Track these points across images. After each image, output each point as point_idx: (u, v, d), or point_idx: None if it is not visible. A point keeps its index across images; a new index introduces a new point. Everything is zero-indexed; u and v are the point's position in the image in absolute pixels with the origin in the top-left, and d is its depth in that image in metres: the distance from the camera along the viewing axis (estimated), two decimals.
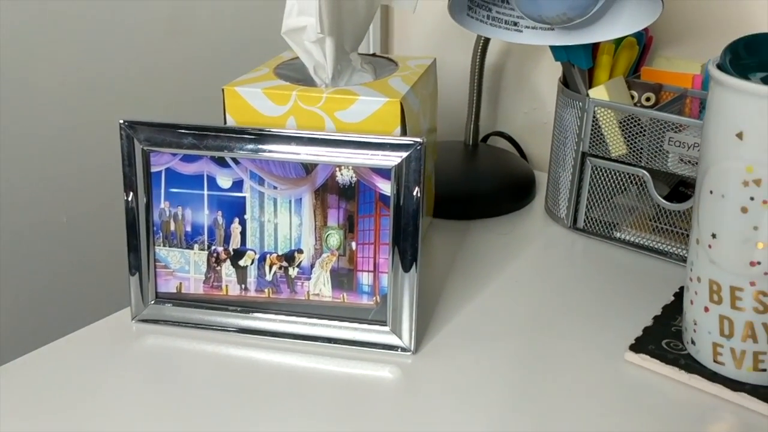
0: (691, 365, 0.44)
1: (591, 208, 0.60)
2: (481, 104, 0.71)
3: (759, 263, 0.39)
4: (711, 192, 0.40)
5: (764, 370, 0.42)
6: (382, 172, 0.44)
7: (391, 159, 0.43)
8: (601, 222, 0.60)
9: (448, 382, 0.44)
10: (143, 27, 0.69)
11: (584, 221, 0.61)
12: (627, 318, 0.49)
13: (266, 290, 0.47)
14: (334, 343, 0.46)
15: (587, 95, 0.57)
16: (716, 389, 0.42)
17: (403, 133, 0.47)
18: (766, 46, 0.40)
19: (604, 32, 0.48)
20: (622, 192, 0.58)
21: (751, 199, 0.38)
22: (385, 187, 0.44)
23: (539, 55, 0.74)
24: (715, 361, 0.43)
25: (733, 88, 0.37)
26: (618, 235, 0.59)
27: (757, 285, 0.39)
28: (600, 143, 0.57)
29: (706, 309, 0.42)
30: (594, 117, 0.57)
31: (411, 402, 0.42)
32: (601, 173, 0.58)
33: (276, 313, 0.47)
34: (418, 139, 0.43)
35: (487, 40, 0.66)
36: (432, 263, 0.57)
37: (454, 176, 0.67)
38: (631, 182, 0.57)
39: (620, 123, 0.56)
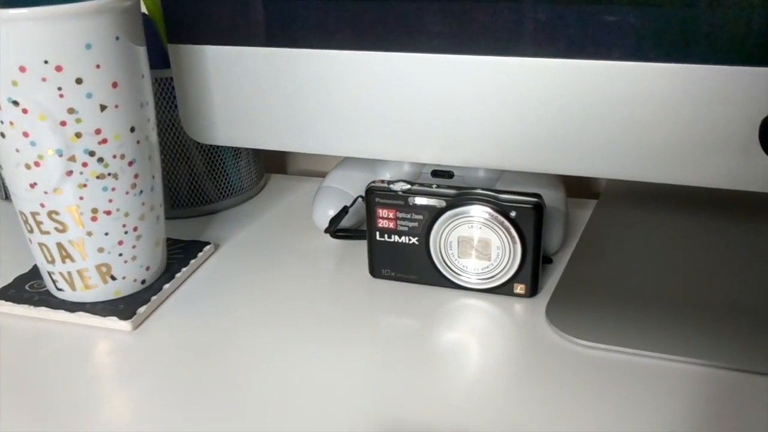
0: (45, 299, 0.45)
1: None
2: None
3: (36, 184, 0.40)
4: None
5: (96, 285, 0.44)
6: None
7: None
8: None
9: None
10: None
11: None
12: None
13: None
14: None
15: None
16: (59, 315, 0.44)
17: None
18: None
19: None
20: None
21: (1, 123, 0.39)
22: None
23: None
24: (57, 289, 0.44)
25: None
26: None
27: (47, 206, 0.41)
28: None
29: (30, 240, 0.43)
30: None
31: None
32: None
33: None
34: None
35: None
36: None
37: None
38: None
39: None
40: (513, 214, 0.42)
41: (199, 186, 0.56)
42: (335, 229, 0.49)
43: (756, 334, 0.39)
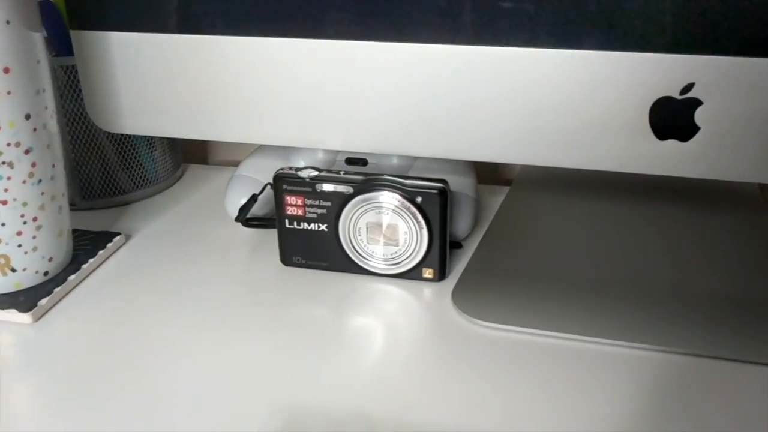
0: None
1: None
2: None
3: None
4: None
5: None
6: None
7: None
8: None
9: None
10: None
11: None
12: None
13: None
14: None
15: None
16: None
17: None
18: None
19: None
20: None
21: None
22: None
23: None
24: None
25: None
26: None
27: None
28: None
29: None
30: None
31: None
32: None
33: None
34: None
35: None
36: None
37: None
38: None
39: None
40: (419, 199, 0.42)
41: (112, 176, 0.55)
42: (246, 217, 0.49)
43: (658, 311, 0.40)
